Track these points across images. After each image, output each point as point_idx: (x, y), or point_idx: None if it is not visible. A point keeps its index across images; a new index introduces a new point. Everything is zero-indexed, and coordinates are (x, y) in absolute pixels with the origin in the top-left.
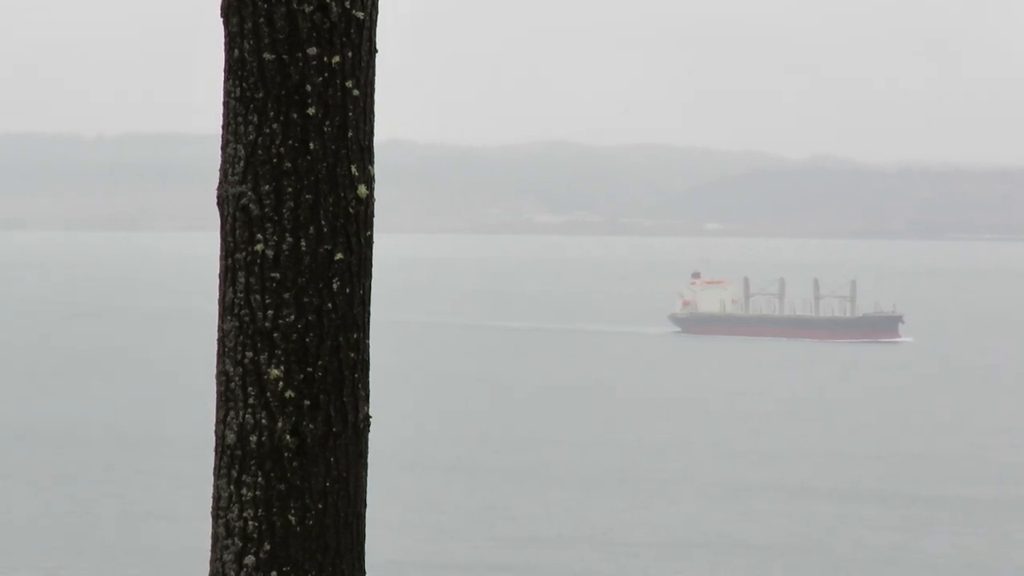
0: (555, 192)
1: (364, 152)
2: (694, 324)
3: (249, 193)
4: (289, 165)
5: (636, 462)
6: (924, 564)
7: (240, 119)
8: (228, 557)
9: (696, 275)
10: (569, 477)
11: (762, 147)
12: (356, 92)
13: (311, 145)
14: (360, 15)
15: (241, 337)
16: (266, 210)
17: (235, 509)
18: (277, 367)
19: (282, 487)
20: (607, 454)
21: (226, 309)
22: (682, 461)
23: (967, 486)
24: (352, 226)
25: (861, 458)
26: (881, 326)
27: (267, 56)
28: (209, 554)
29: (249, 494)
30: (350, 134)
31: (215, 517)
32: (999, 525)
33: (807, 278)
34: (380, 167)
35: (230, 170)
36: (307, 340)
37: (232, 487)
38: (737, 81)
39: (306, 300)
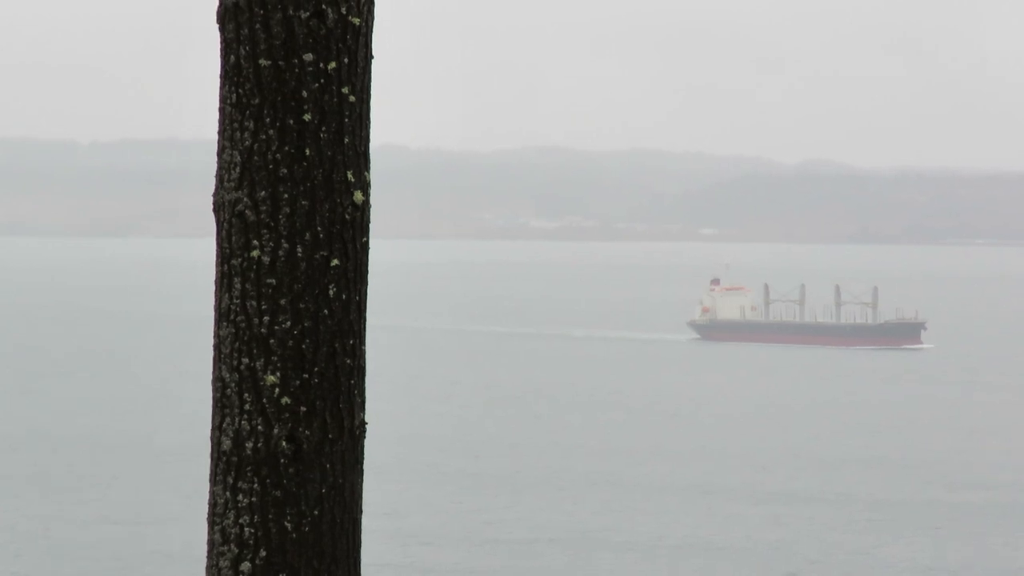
0: (549, 197)
1: (360, 158)
2: (714, 331)
3: (245, 199)
4: (285, 171)
5: (640, 467)
6: (929, 570)
7: (236, 125)
8: (224, 563)
9: (715, 281)
10: (576, 482)
11: (756, 152)
12: (352, 98)
13: (307, 151)
14: (356, 21)
15: (237, 343)
16: (262, 216)
17: (231, 515)
18: (273, 373)
19: (278, 493)
20: (614, 460)
21: (222, 315)
22: (687, 467)
23: (983, 491)
24: (348, 232)
25: (871, 464)
26: (903, 333)
27: (263, 62)
28: (205, 560)
29: (245, 500)
30: (346, 140)
31: (211, 523)
32: (1002, 530)
33: (815, 284)
34: (374, 172)
35: (226, 176)
36: (303, 346)
37: (228, 493)
38: (731, 87)
39: (302, 306)
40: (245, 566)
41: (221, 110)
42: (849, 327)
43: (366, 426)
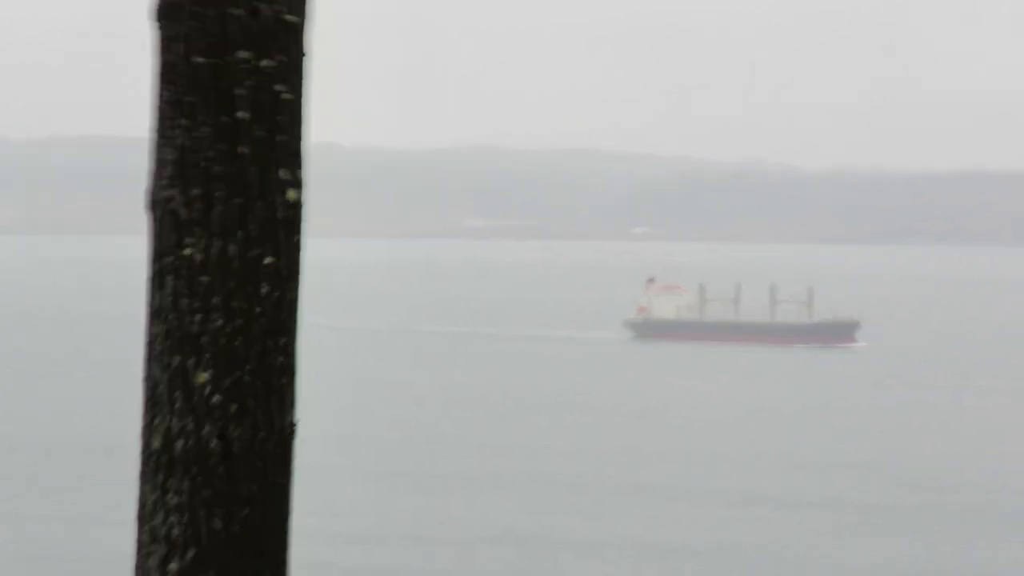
0: (486, 197)
1: (294, 156)
2: (649, 330)
3: (178, 197)
4: (219, 169)
5: (574, 465)
6: (859, 570)
7: (170, 122)
8: (152, 563)
9: (651, 281)
10: (512, 482)
11: (694, 152)
12: (287, 96)
13: (241, 149)
14: (292, 19)
15: (168, 342)
16: (195, 214)
17: (160, 515)
18: (204, 371)
19: (208, 492)
20: (549, 459)
21: (154, 313)
22: (621, 466)
23: (909, 493)
24: (281, 231)
25: (803, 465)
26: (838, 332)
27: (198, 59)
28: (134, 559)
29: (175, 499)
30: (280, 138)
31: (140, 522)
32: (938, 531)
33: (751, 284)
34: (312, 171)
35: (160, 174)
36: (235, 345)
37: (157, 492)
38: (671, 86)
39: (234, 305)
40: (173, 565)
41: (155, 107)
42: (784, 326)
43: (296, 426)
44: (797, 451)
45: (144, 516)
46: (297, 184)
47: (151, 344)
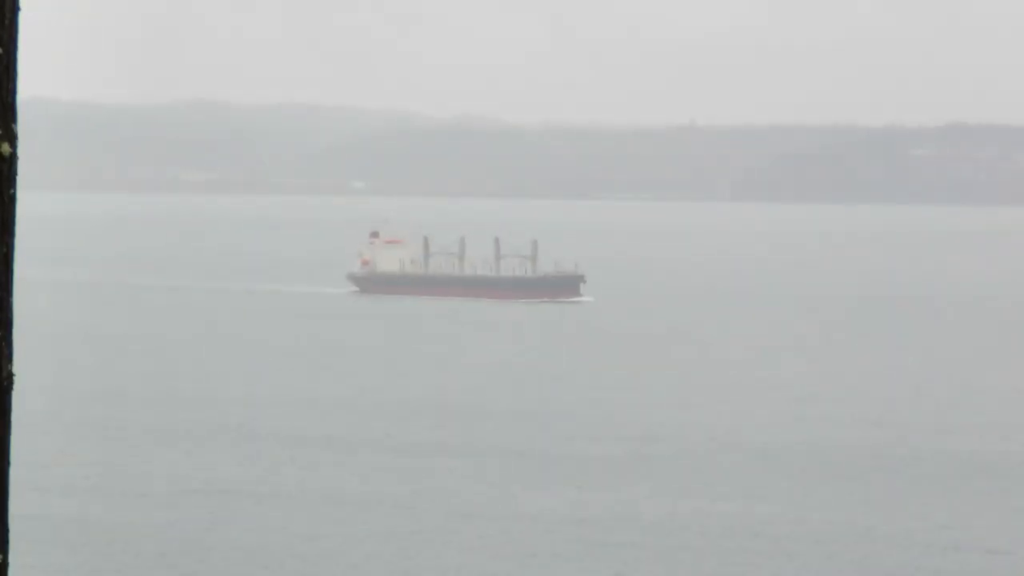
0: (200, 151)
1: (7, 110)
2: (373, 284)
3: None
4: None
5: (281, 420)
6: (537, 517)
7: None
8: None
9: (375, 234)
10: (219, 434)
11: (407, 106)
12: None
13: None
14: None
15: None
16: None
17: None
18: None
19: None
20: (259, 412)
21: None
22: (330, 419)
23: (595, 444)
24: None
25: (520, 417)
26: (562, 286)
27: None
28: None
29: None
30: None
31: None
32: (627, 481)
33: (473, 237)
34: (25, 124)
35: None
36: None
37: None
38: (376, 37)
39: None
40: None
41: None
42: (509, 280)
43: (14, 378)
44: (487, 401)
45: None
46: (10, 138)
47: None
